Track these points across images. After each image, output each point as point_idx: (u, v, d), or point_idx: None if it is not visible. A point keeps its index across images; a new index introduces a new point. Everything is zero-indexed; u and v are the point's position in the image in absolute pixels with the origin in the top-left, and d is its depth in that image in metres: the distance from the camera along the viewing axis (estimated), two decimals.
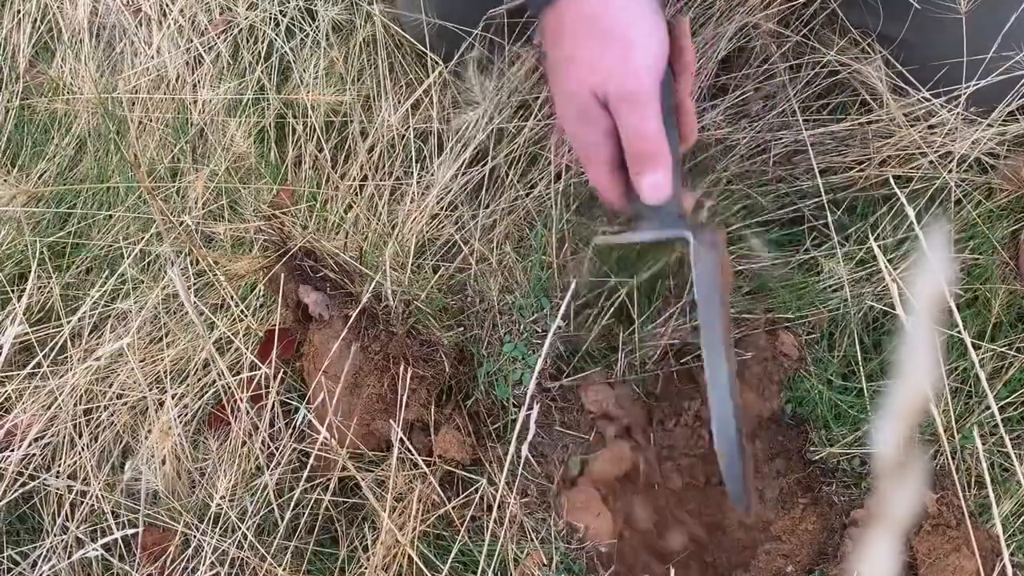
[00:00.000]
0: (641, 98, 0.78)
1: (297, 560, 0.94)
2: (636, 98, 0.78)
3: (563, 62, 0.81)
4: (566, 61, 0.80)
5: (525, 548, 0.92)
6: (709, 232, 0.87)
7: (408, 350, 0.97)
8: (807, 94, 1.08)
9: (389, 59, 1.18)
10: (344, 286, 1.00)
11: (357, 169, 1.13)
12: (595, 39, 0.79)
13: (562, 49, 0.81)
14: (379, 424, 0.96)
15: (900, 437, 0.23)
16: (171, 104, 1.22)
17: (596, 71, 0.79)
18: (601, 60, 0.79)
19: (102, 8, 1.30)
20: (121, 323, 1.08)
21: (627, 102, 0.78)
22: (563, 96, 0.82)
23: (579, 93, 0.80)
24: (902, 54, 1.02)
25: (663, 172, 0.81)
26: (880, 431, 0.23)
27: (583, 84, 0.79)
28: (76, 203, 1.17)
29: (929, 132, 1.03)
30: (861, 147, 1.05)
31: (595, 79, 0.79)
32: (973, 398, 0.99)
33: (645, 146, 0.80)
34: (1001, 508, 0.92)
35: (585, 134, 0.83)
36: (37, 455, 0.97)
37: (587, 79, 0.79)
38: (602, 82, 0.78)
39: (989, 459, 0.95)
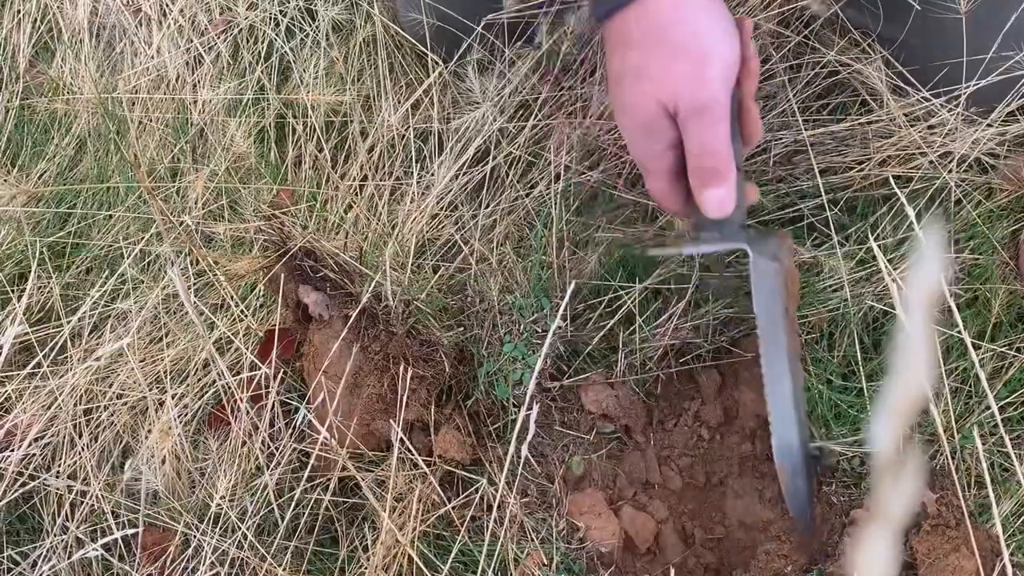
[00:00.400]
0: (715, 111, 0.76)
1: (297, 560, 0.94)
2: (709, 111, 0.76)
3: (630, 73, 0.77)
4: (634, 73, 0.77)
5: (525, 548, 0.92)
6: (772, 240, 0.86)
7: (408, 350, 0.97)
8: (807, 94, 1.08)
9: (389, 59, 1.18)
10: (344, 286, 1.00)
11: (357, 169, 1.13)
12: (666, 49, 0.76)
13: (628, 59, 0.77)
14: (379, 424, 0.96)
15: (898, 436, 0.23)
16: (171, 104, 1.22)
17: (666, 83, 0.76)
18: (671, 71, 0.76)
19: (102, 8, 1.30)
20: (121, 323, 1.08)
21: (698, 115, 0.76)
22: (628, 107, 0.79)
23: (646, 106, 0.77)
24: (902, 54, 1.02)
25: (727, 187, 0.79)
26: (877, 430, 0.24)
27: (651, 96, 0.76)
28: (76, 203, 1.17)
29: (929, 132, 1.03)
30: (861, 147, 1.05)
31: (665, 91, 0.76)
32: (973, 398, 0.99)
33: (712, 161, 0.78)
34: (1001, 508, 0.92)
35: (649, 146, 0.80)
36: (37, 455, 0.97)
37: (656, 91, 0.76)
38: (673, 94, 0.75)
39: (989, 459, 0.95)
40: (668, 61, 0.76)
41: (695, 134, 0.77)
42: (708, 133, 0.76)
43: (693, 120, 0.76)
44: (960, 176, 1.04)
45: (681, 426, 1.03)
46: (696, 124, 0.76)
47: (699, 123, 0.76)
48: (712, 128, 0.76)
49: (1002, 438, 0.93)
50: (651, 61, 0.76)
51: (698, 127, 0.76)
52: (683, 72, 0.75)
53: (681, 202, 0.82)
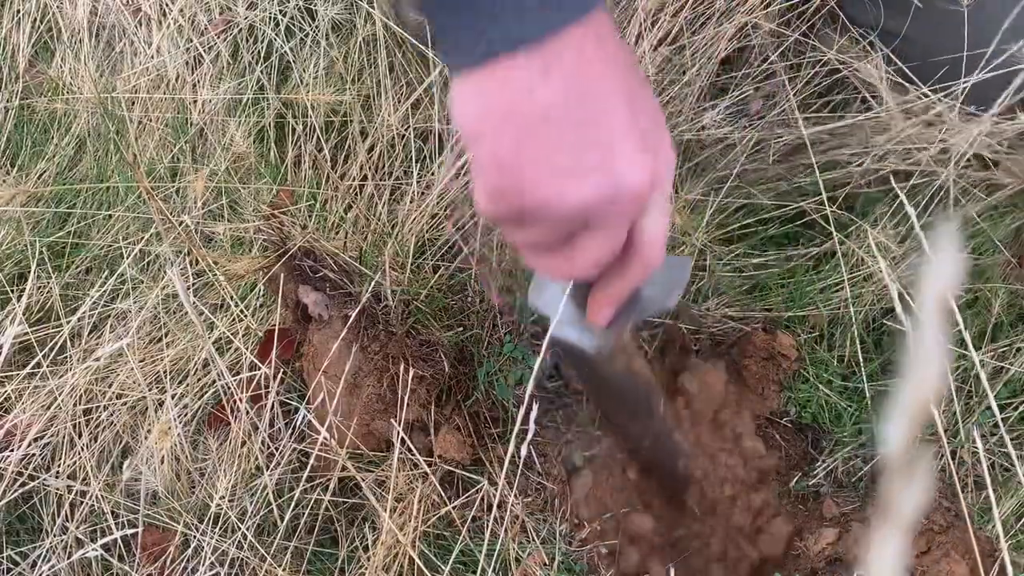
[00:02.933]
0: (665, 200, 0.64)
1: (297, 560, 0.94)
2: (663, 196, 0.64)
3: (576, 122, 0.58)
4: (580, 124, 0.58)
5: (526, 548, 0.92)
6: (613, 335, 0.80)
7: (407, 350, 0.97)
8: (807, 92, 1.08)
9: (389, 58, 1.17)
10: (344, 286, 1.00)
11: (357, 169, 1.13)
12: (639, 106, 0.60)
13: (577, 102, 0.58)
14: (379, 424, 0.96)
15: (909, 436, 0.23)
16: (171, 104, 1.21)
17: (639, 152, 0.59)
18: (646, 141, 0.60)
19: (102, 8, 1.30)
20: (121, 323, 1.07)
21: (659, 198, 0.63)
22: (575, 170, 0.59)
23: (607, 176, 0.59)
24: (903, 50, 1.02)
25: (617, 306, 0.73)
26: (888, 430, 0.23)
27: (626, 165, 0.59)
28: (76, 203, 1.17)
29: (928, 128, 1.02)
30: (861, 145, 1.05)
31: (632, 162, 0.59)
32: (973, 398, 0.99)
33: (648, 261, 0.67)
34: (1001, 508, 0.92)
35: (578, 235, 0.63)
36: (37, 455, 0.97)
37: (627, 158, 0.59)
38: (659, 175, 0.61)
39: (989, 459, 0.95)
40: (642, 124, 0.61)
41: (648, 221, 0.65)
42: (660, 221, 0.66)
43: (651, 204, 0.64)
44: (959, 172, 1.04)
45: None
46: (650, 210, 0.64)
47: (655, 210, 0.64)
48: (664, 216, 0.66)
49: (1002, 438, 0.93)
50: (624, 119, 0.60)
51: (653, 214, 0.64)
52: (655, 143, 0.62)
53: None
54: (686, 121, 1.07)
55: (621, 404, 0.89)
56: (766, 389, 1.02)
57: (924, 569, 0.87)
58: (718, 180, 1.08)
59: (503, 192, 0.60)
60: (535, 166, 0.58)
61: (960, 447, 0.96)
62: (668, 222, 0.66)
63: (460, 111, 0.57)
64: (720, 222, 1.07)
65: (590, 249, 0.63)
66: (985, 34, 0.95)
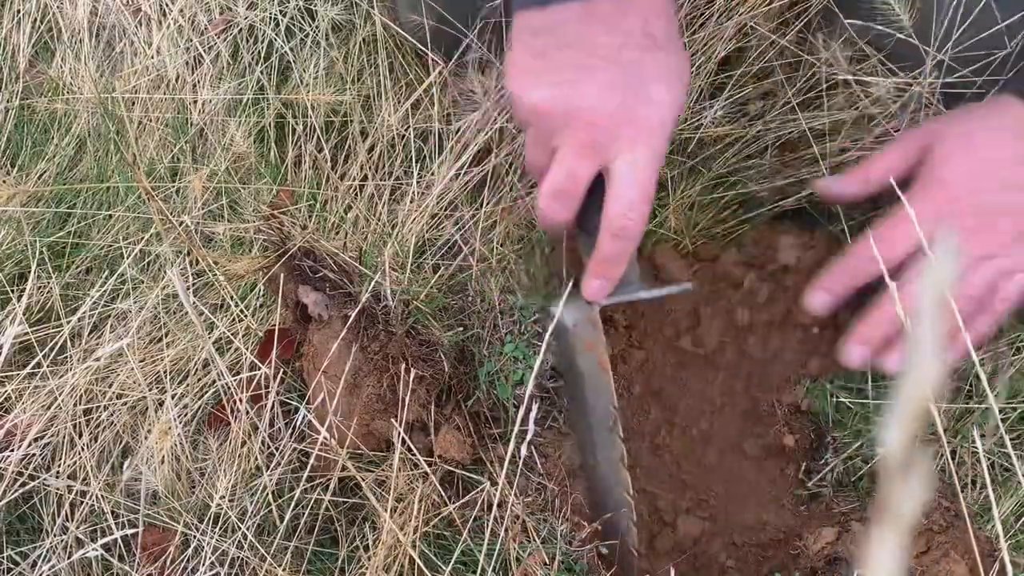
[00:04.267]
0: (659, 158, 0.72)
1: (297, 560, 0.94)
2: (658, 153, 0.72)
3: (587, 65, 0.70)
4: (591, 66, 0.69)
5: (527, 548, 0.92)
6: (588, 307, 0.84)
7: (407, 350, 0.97)
8: (805, 91, 1.08)
9: (389, 59, 1.17)
10: (343, 286, 1.00)
11: (357, 169, 1.13)
12: (643, 55, 0.69)
13: (587, 46, 0.70)
14: (379, 424, 0.96)
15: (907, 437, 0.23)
16: (171, 104, 1.21)
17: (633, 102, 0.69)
18: (648, 84, 0.69)
19: (102, 8, 1.30)
20: (121, 323, 1.07)
21: (648, 153, 0.71)
22: (573, 107, 0.71)
23: (600, 114, 0.70)
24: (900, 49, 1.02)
25: (613, 281, 0.80)
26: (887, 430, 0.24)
27: (606, 105, 0.70)
28: (76, 203, 1.17)
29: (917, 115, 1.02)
30: (858, 142, 1.05)
31: (622, 107, 0.69)
32: (973, 397, 0.99)
33: (628, 226, 0.74)
34: (1001, 508, 0.92)
35: (578, 164, 0.73)
36: (37, 455, 0.97)
37: (615, 102, 0.69)
38: (630, 115, 0.69)
39: (989, 459, 0.96)
40: (642, 73, 0.71)
41: (630, 177, 0.72)
42: (647, 179, 0.72)
43: (635, 159, 0.71)
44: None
45: None
46: (632, 166, 0.71)
47: (643, 165, 0.71)
48: (652, 176, 0.73)
49: (1002, 438, 0.93)
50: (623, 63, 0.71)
51: (636, 169, 0.71)
52: (655, 94, 0.71)
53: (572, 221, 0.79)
54: (685, 120, 1.07)
55: (583, 417, 0.91)
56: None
57: (923, 569, 0.87)
58: (717, 178, 1.08)
59: (505, 83, 0.75)
60: (515, 62, 0.72)
61: (960, 447, 0.96)
62: (646, 179, 0.72)
63: (513, 27, 0.74)
64: (720, 218, 1.08)
65: (551, 169, 0.73)
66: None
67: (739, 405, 1.01)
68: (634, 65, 0.68)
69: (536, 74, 0.70)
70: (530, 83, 0.71)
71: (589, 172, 0.73)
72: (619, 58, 0.68)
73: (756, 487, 1.00)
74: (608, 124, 0.69)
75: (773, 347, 1.01)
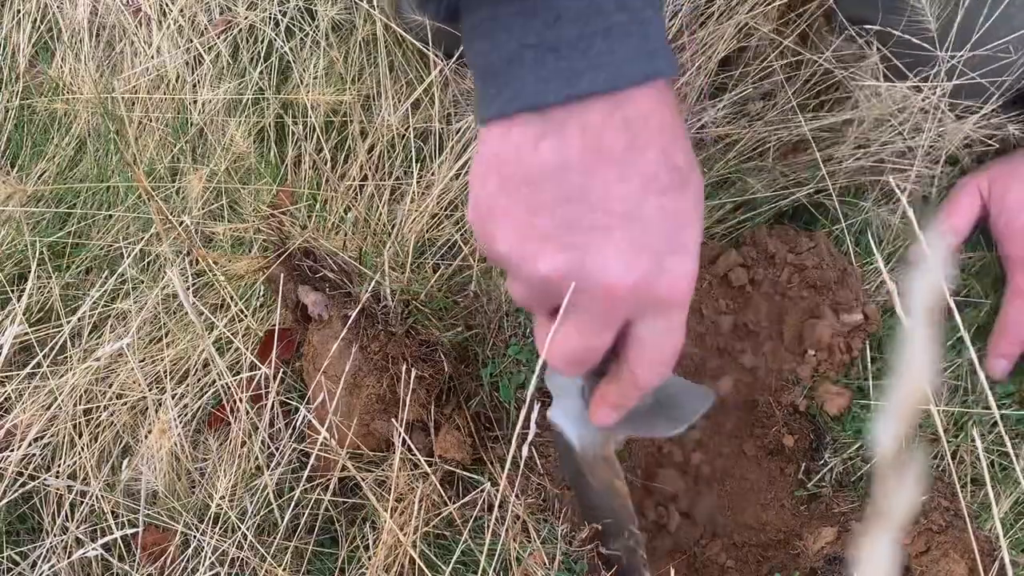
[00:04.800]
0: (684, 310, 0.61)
1: (297, 560, 0.94)
2: (686, 309, 0.60)
3: (602, 225, 0.55)
4: (607, 226, 0.55)
5: (527, 548, 0.92)
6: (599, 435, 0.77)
7: (407, 350, 0.97)
8: (805, 91, 1.08)
9: (389, 58, 1.17)
10: (343, 286, 1.00)
11: (357, 169, 1.13)
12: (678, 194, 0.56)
13: (599, 199, 0.55)
14: (379, 424, 0.96)
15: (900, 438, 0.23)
16: (171, 104, 1.22)
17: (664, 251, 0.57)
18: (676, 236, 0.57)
19: (102, 8, 1.30)
20: (121, 323, 1.08)
21: (679, 316, 0.60)
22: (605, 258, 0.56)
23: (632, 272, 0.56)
24: (900, 48, 1.02)
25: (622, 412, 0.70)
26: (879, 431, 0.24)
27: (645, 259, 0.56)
28: (76, 203, 1.17)
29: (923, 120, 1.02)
30: (856, 142, 1.05)
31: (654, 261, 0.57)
32: (971, 396, 0.99)
33: (655, 382, 0.64)
34: (1000, 507, 0.92)
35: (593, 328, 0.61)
36: (37, 455, 0.97)
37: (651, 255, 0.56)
38: (658, 283, 0.57)
39: (989, 459, 0.95)
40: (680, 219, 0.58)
41: (660, 333, 0.61)
42: (677, 334, 0.62)
43: (667, 315, 0.60)
44: (947, 169, 1.05)
45: None
46: (665, 322, 0.60)
47: (671, 320, 0.61)
48: (681, 328, 0.62)
49: (1001, 436, 0.93)
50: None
51: (667, 326, 0.61)
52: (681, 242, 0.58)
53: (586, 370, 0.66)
54: (686, 120, 1.07)
55: (591, 515, 0.87)
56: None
57: (923, 569, 0.87)
58: (718, 178, 1.08)
59: (476, 232, 0.60)
60: (504, 220, 0.57)
61: (959, 447, 0.96)
62: (678, 342, 0.62)
63: (478, 140, 0.58)
64: (719, 218, 1.08)
65: (563, 335, 0.61)
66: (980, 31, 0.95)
67: (739, 406, 1.01)
68: (658, 217, 0.56)
69: (538, 237, 0.56)
70: (530, 248, 0.57)
71: (609, 341, 0.62)
72: (640, 212, 0.55)
73: (756, 487, 1.00)
74: (632, 296, 0.58)
75: (766, 349, 1.01)
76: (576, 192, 0.55)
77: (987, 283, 1.03)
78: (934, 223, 1.02)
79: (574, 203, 0.55)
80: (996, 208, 0.99)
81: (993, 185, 1.00)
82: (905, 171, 1.03)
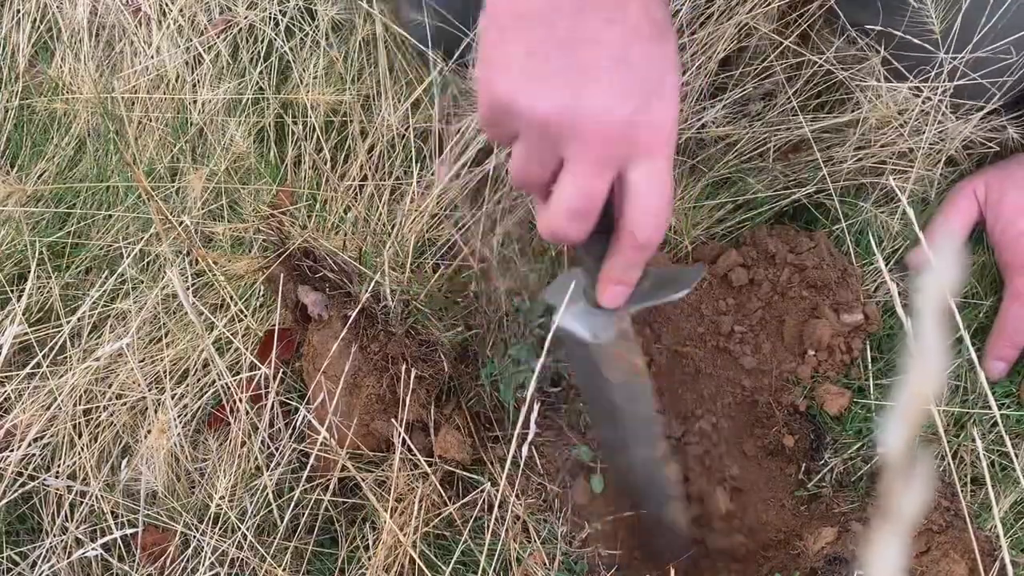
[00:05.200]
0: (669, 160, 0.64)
1: (297, 560, 0.94)
2: (672, 155, 0.64)
3: (593, 65, 0.60)
4: (598, 67, 0.60)
5: (527, 548, 0.92)
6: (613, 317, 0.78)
7: (407, 350, 0.97)
8: (806, 91, 1.08)
9: (389, 58, 1.17)
10: (343, 286, 1.00)
11: (357, 169, 1.13)
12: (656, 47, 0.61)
13: (590, 43, 0.60)
14: (378, 424, 0.96)
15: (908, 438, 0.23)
16: (170, 104, 1.21)
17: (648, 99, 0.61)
18: (657, 85, 0.61)
19: (102, 8, 1.29)
20: (121, 323, 1.07)
21: (666, 158, 0.64)
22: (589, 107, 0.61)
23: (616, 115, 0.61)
24: (901, 50, 1.02)
25: (632, 286, 0.72)
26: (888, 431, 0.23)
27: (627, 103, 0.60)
28: (75, 203, 1.17)
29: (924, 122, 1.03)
30: (857, 143, 1.05)
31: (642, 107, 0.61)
32: (971, 395, 0.99)
33: (643, 257, 0.68)
34: (1000, 507, 0.92)
35: (597, 175, 0.64)
36: (37, 455, 0.97)
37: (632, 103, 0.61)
38: (645, 121, 0.61)
39: (989, 459, 0.95)
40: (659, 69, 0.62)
41: (649, 181, 0.64)
42: (665, 184, 0.65)
43: (654, 162, 0.63)
44: (948, 170, 1.05)
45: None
46: (655, 168, 0.64)
47: (662, 168, 0.64)
48: (668, 179, 0.65)
49: (1001, 436, 0.93)
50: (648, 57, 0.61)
51: (656, 174, 0.64)
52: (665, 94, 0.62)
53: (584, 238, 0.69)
54: (686, 120, 1.07)
55: (612, 421, 0.87)
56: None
57: (923, 569, 0.87)
58: (718, 178, 1.08)
59: (480, 86, 0.64)
60: (504, 60, 0.62)
61: (959, 447, 0.96)
62: (668, 189, 0.65)
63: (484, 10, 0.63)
64: (719, 218, 1.08)
65: (564, 187, 0.64)
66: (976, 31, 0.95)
67: (738, 406, 1.01)
68: (643, 62, 0.61)
69: (535, 77, 0.61)
70: (531, 88, 0.61)
71: (607, 187, 0.65)
72: (627, 56, 0.60)
73: (756, 487, 1.00)
74: (623, 134, 0.62)
75: (766, 350, 1.01)
76: (567, 34, 0.59)
77: (986, 284, 1.03)
78: (930, 226, 1.02)
79: (566, 46, 0.60)
80: (992, 214, 1.00)
81: (989, 190, 1.00)
82: (906, 172, 1.03)
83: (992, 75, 0.96)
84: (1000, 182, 1.00)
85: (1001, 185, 0.99)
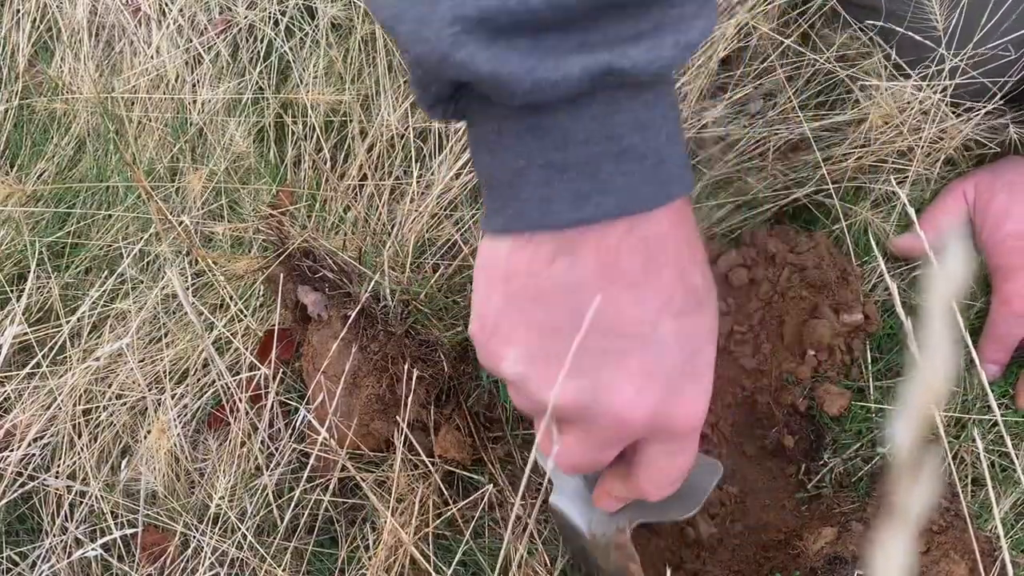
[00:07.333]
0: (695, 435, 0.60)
1: (297, 560, 0.93)
2: (682, 437, 0.59)
3: (614, 349, 0.53)
4: (620, 350, 0.53)
5: (528, 548, 0.92)
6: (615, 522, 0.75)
7: (407, 350, 0.97)
8: (807, 91, 1.08)
9: (389, 58, 1.17)
10: (343, 286, 1.00)
11: (356, 169, 1.12)
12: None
13: (611, 322, 0.52)
14: (378, 424, 0.96)
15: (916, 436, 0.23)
16: (170, 104, 1.21)
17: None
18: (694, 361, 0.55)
19: (101, 7, 1.29)
20: (120, 323, 1.07)
21: (691, 443, 0.60)
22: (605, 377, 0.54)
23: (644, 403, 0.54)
24: (903, 47, 1.02)
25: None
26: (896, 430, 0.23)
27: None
28: (75, 203, 1.17)
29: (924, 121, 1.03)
30: (858, 142, 1.05)
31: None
32: (970, 394, 0.99)
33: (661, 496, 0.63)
34: (1000, 507, 0.92)
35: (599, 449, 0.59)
36: (36, 455, 0.97)
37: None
38: (671, 412, 0.56)
39: (989, 459, 0.96)
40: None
41: (659, 459, 0.60)
42: (686, 455, 0.61)
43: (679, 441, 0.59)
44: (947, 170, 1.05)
45: None
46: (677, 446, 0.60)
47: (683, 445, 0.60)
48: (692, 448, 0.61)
49: (1002, 437, 0.93)
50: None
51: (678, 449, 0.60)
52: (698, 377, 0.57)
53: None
54: (686, 120, 1.07)
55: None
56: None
57: (923, 569, 0.87)
58: (718, 179, 1.08)
59: (479, 347, 0.58)
60: (512, 339, 0.55)
61: (960, 447, 0.96)
62: (687, 463, 0.61)
63: (480, 248, 0.56)
64: (719, 218, 1.08)
65: (568, 445, 0.58)
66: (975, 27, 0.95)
67: (738, 406, 1.01)
68: (672, 341, 0.53)
69: (547, 361, 0.53)
70: (542, 374, 0.54)
71: (614, 455, 0.60)
72: (654, 335, 0.53)
73: (756, 488, 1.00)
74: (646, 425, 0.55)
75: (766, 350, 1.01)
76: (592, 319, 0.51)
77: (981, 284, 1.03)
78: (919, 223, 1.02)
79: (588, 331, 0.51)
80: (980, 217, 0.99)
81: (978, 191, 1.00)
82: (906, 171, 1.03)
83: (992, 74, 0.96)
84: (990, 184, 1.00)
85: (991, 187, 0.99)
